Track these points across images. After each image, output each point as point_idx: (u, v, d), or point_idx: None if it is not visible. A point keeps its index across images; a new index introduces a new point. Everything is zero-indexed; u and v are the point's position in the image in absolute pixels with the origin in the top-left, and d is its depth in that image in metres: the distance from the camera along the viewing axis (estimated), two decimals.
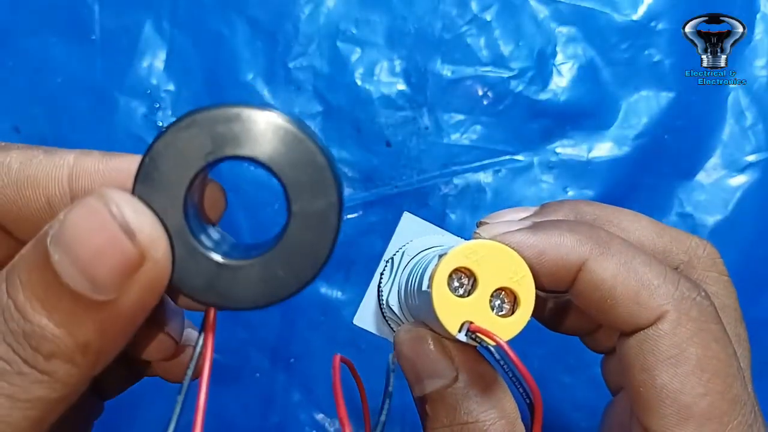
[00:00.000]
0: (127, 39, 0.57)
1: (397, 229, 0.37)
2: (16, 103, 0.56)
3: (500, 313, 0.25)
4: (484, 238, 0.25)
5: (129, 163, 0.22)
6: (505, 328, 0.25)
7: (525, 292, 0.25)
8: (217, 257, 0.19)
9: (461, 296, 0.25)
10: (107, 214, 0.18)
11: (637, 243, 0.26)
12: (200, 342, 0.20)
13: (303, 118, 0.55)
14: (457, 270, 0.26)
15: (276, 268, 0.19)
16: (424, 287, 0.27)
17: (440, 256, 0.26)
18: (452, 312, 0.25)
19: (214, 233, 0.21)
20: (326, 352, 0.52)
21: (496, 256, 0.25)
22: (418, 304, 0.30)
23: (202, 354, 0.20)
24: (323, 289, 0.53)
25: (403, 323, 0.34)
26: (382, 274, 0.37)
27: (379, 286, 0.37)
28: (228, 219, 0.23)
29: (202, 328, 0.20)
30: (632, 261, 0.24)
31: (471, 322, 0.25)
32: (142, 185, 0.19)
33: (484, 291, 0.25)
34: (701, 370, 0.23)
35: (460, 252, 0.25)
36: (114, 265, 0.17)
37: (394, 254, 0.36)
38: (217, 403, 0.52)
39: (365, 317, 0.40)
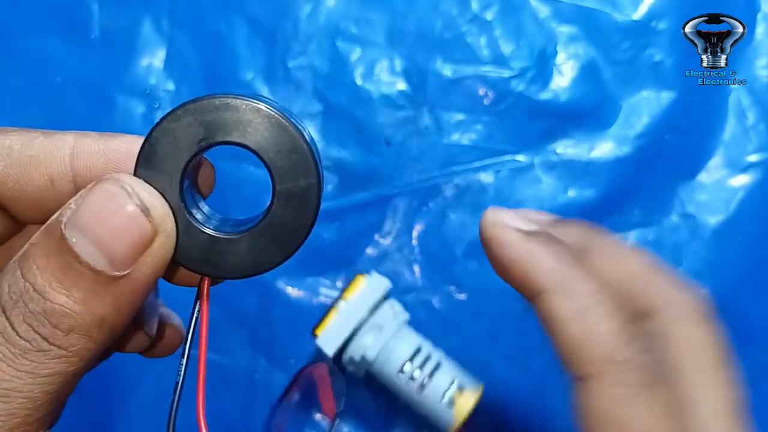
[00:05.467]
0: (126, 38, 0.57)
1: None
2: (14, 102, 0.56)
3: None
4: (487, 220, 0.26)
5: (126, 144, 0.23)
6: None
7: None
8: (210, 231, 0.21)
9: None
10: (126, 196, 0.20)
11: (615, 281, 0.25)
12: (196, 310, 0.22)
13: (302, 117, 0.55)
14: None
15: (262, 242, 0.22)
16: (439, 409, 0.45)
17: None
18: None
19: (206, 209, 0.23)
20: None
21: None
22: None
23: (198, 322, 0.22)
24: (323, 289, 0.53)
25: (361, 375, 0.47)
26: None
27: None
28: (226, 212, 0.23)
29: (197, 298, 0.22)
30: (590, 309, 0.23)
31: None
32: (143, 168, 0.21)
33: None
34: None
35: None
36: (132, 241, 0.19)
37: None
38: (216, 403, 0.51)
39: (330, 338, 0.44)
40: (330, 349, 0.46)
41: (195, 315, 0.22)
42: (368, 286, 0.47)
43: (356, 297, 0.47)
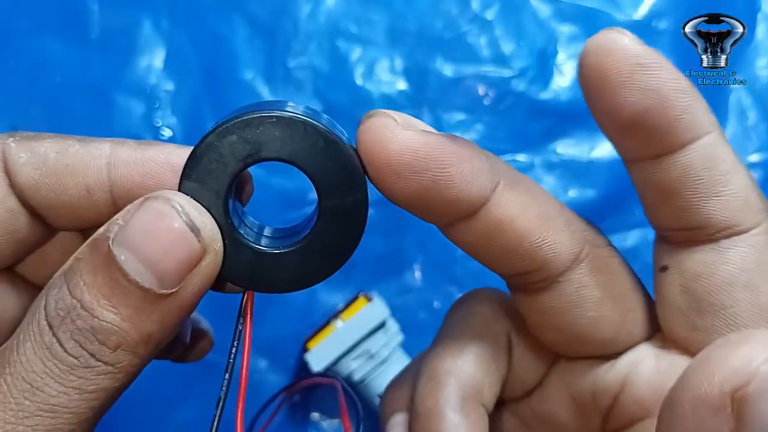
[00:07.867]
0: (125, 38, 0.57)
1: None
2: (14, 102, 0.56)
3: None
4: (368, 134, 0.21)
5: (164, 154, 0.23)
6: None
7: None
8: (256, 247, 0.21)
9: None
10: (175, 214, 0.19)
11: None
12: (239, 326, 0.22)
13: None
14: None
15: (308, 258, 0.21)
16: None
17: None
18: None
19: (248, 221, 0.23)
20: None
21: None
22: None
23: (241, 334, 0.22)
24: (323, 288, 0.53)
25: None
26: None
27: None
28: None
29: (241, 313, 0.22)
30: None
31: None
32: (188, 184, 0.21)
33: None
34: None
35: None
36: (181, 260, 0.19)
37: None
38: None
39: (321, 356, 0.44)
40: (317, 366, 0.46)
41: (239, 329, 0.22)
42: (367, 312, 0.47)
43: (353, 320, 0.47)
